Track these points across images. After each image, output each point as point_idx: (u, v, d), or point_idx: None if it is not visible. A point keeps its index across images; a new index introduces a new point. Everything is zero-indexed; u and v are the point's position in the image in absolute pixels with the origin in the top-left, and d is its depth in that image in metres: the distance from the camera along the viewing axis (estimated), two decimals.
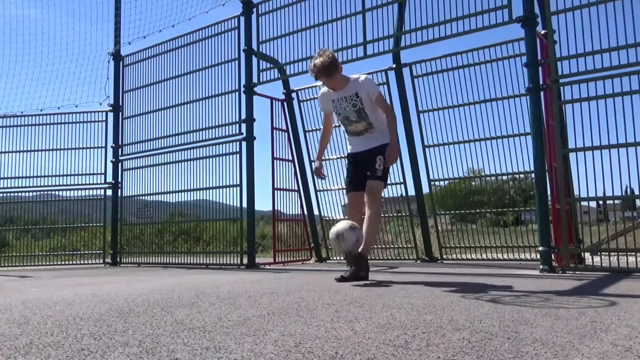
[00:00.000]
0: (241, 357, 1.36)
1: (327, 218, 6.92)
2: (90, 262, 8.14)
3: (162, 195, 7.31)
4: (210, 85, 6.71)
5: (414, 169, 6.21)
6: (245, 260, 6.13)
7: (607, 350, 1.42)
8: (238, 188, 6.28)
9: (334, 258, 6.97)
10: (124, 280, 4.36)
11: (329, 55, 3.63)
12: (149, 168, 7.40)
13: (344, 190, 4.03)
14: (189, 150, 6.94)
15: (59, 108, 7.88)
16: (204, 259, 6.73)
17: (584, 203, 4.57)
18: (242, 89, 6.30)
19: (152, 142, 7.35)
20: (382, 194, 3.99)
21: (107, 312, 2.21)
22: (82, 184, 7.84)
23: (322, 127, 4.18)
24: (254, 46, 6.28)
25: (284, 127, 6.92)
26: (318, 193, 6.90)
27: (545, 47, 4.45)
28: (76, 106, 7.82)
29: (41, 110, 7.92)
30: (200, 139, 6.79)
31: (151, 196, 7.44)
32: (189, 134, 6.92)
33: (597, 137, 4.16)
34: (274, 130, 6.75)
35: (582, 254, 4.65)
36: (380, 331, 1.69)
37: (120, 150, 7.75)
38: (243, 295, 2.77)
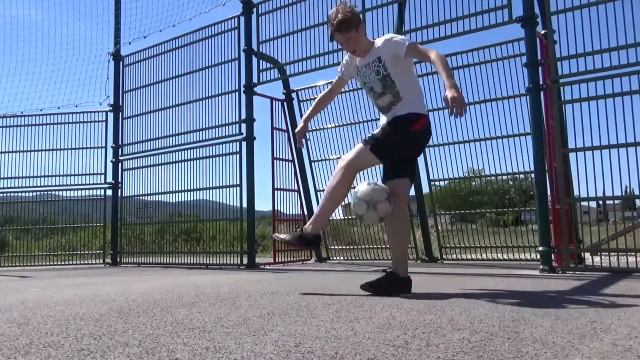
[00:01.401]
0: (241, 357, 1.36)
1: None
2: (90, 262, 8.14)
3: (162, 195, 7.32)
4: (210, 85, 6.73)
5: None
6: (245, 260, 6.13)
7: (607, 350, 1.41)
8: (238, 188, 6.29)
9: (334, 258, 6.96)
10: (124, 280, 4.36)
11: (348, 10, 2.92)
12: (149, 168, 7.41)
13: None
14: (189, 150, 6.94)
15: (59, 108, 7.91)
16: (204, 259, 6.73)
17: (584, 203, 4.57)
18: (242, 89, 6.30)
19: (152, 142, 7.36)
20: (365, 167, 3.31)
21: (107, 312, 2.20)
22: (82, 184, 7.85)
23: (321, 127, 3.98)
24: (254, 46, 6.28)
25: (284, 127, 6.92)
26: (318, 193, 6.90)
27: (545, 47, 4.45)
28: (76, 106, 7.85)
29: (41, 110, 7.95)
30: (200, 139, 6.81)
31: (151, 196, 7.45)
32: (189, 134, 6.93)
33: (597, 137, 4.17)
34: (274, 130, 6.75)
35: (582, 254, 4.65)
36: (380, 331, 1.69)
37: (120, 150, 7.75)
38: (243, 295, 2.77)
